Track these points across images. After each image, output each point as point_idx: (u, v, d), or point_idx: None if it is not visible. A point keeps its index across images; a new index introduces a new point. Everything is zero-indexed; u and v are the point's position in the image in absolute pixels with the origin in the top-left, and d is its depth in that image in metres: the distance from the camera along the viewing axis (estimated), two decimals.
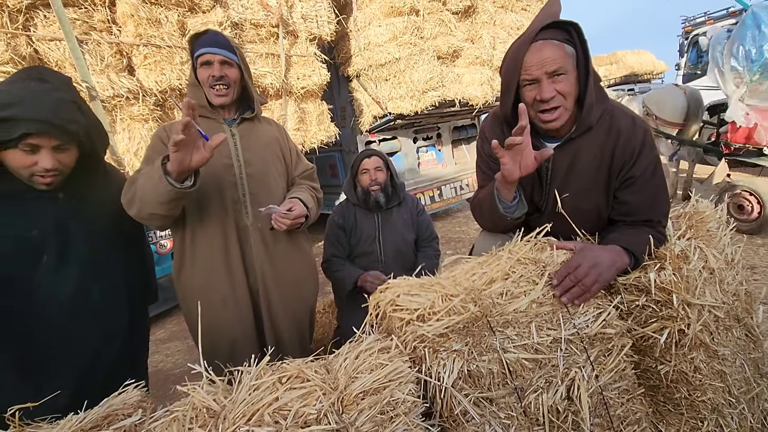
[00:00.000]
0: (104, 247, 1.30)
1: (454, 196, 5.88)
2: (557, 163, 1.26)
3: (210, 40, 1.44)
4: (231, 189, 1.49)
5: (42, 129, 1.08)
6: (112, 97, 2.50)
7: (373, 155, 2.20)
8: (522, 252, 1.10)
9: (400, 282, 1.15)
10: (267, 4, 3.37)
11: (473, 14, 4.90)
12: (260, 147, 1.56)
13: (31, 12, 2.28)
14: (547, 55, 1.11)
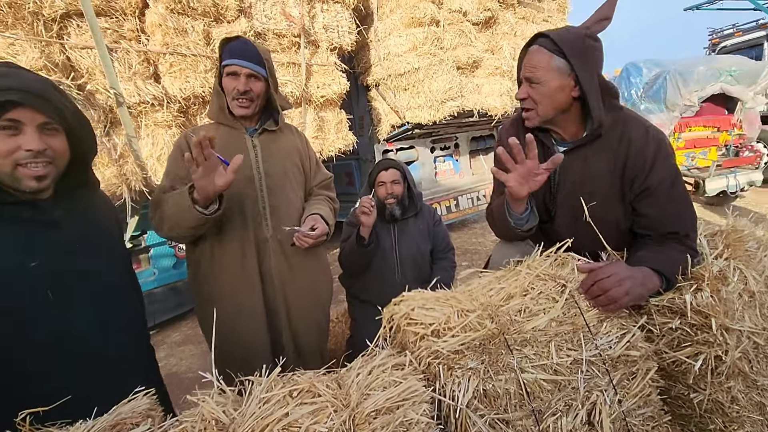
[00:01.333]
0: (114, 274, 1.15)
1: (470, 206, 5.83)
2: (567, 168, 1.26)
3: (239, 50, 1.42)
4: (252, 202, 1.49)
5: (26, 99, 0.89)
6: (138, 104, 2.57)
7: (390, 167, 2.17)
8: (541, 268, 1.07)
9: (414, 295, 1.13)
10: (290, 15, 3.43)
11: (494, 25, 4.90)
12: (280, 158, 1.55)
13: (65, 21, 2.37)
14: (528, 60, 1.20)
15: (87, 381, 1.01)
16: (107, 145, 2.46)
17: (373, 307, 2.27)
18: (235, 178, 1.25)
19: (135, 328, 1.21)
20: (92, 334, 1.04)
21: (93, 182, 1.16)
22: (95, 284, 1.06)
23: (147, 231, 3.63)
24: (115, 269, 1.16)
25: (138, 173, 2.61)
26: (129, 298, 1.21)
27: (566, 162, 1.25)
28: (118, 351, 1.09)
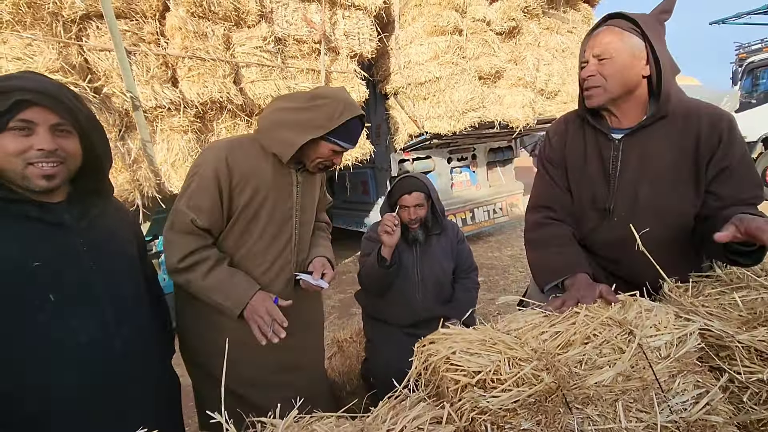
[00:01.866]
0: (124, 284, 1.09)
1: (486, 219, 5.68)
2: (626, 154, 1.23)
3: (355, 135, 1.39)
4: (286, 242, 1.44)
5: (39, 99, 0.89)
6: (155, 108, 2.50)
7: (414, 191, 1.99)
8: (604, 312, 0.93)
9: (453, 332, 1.00)
10: (311, 21, 3.36)
11: (517, 35, 4.78)
12: (312, 191, 1.53)
13: (85, 22, 2.32)
14: (598, 39, 1.18)
15: (88, 389, 0.98)
16: (121, 150, 2.39)
17: (391, 328, 2.16)
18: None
19: (145, 341, 1.14)
20: (95, 341, 0.99)
21: (107, 190, 1.14)
22: (102, 292, 1.02)
23: (158, 236, 3.57)
24: (126, 279, 1.11)
25: (151, 179, 2.53)
26: (142, 310, 1.16)
27: (625, 148, 1.23)
28: (122, 362, 1.04)
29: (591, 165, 1.32)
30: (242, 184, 1.31)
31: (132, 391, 1.07)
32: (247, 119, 3.05)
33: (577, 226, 1.38)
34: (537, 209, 1.43)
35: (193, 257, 1.27)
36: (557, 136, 1.41)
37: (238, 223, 1.35)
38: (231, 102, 2.82)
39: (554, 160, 1.40)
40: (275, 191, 1.37)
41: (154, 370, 1.18)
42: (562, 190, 1.40)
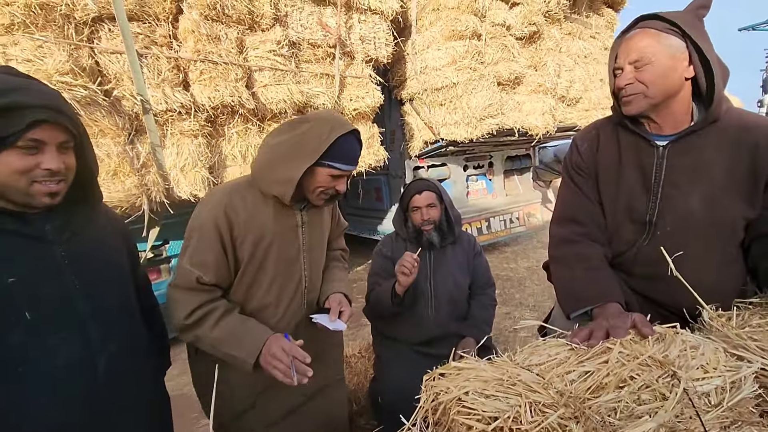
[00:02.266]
0: (111, 296, 1.02)
1: (503, 229, 5.53)
2: (672, 162, 1.13)
3: (354, 155, 1.29)
4: (296, 283, 1.38)
5: (52, 117, 0.86)
6: (165, 111, 2.47)
7: (424, 190, 1.93)
8: (642, 350, 0.80)
9: (466, 367, 0.89)
10: (326, 25, 3.31)
11: (538, 40, 4.65)
12: (321, 229, 1.47)
13: (97, 25, 2.30)
14: (633, 44, 1.09)
15: (65, 414, 0.91)
16: (130, 154, 2.35)
17: (401, 346, 2.04)
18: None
19: (135, 357, 1.07)
20: (75, 363, 0.92)
21: (96, 198, 1.07)
22: (85, 307, 0.96)
23: (169, 241, 3.54)
24: (114, 291, 1.05)
25: (160, 184, 2.49)
26: (132, 322, 1.10)
27: (670, 156, 1.13)
28: (107, 384, 0.97)
29: (628, 174, 1.20)
30: (244, 234, 1.26)
31: (119, 414, 1.00)
32: (259, 124, 3.00)
33: (610, 242, 1.27)
34: (563, 222, 1.31)
35: (201, 311, 1.21)
36: (587, 142, 1.30)
37: (246, 276, 1.30)
38: (243, 106, 2.77)
39: (583, 169, 1.30)
40: (279, 236, 1.31)
41: (145, 390, 1.11)
42: (592, 201, 1.28)
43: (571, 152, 1.35)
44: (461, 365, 0.91)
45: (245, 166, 2.88)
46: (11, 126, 0.82)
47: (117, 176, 2.29)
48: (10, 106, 0.81)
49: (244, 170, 2.87)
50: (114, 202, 2.26)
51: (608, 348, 0.83)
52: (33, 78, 0.93)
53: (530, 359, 0.92)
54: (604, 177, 1.26)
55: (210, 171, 2.74)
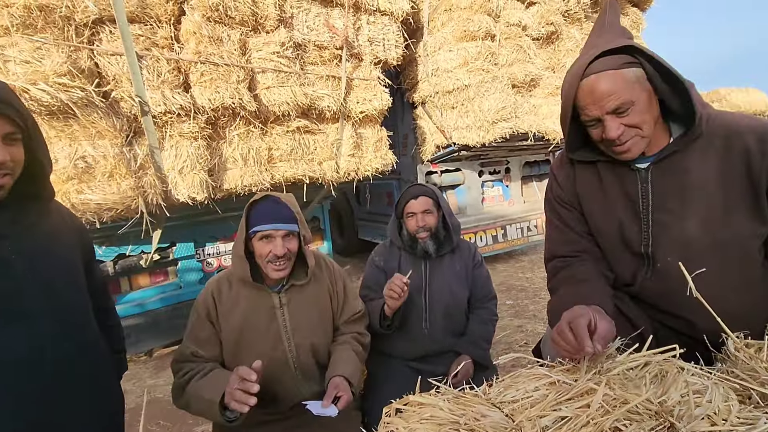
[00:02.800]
0: (66, 294, 1.01)
1: (519, 237, 5.32)
2: (657, 186, 1.05)
3: (271, 213, 1.36)
4: (282, 365, 1.43)
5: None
6: (164, 113, 2.44)
7: (420, 195, 1.82)
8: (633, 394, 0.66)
9: (428, 403, 0.77)
10: (333, 26, 3.24)
11: (557, 41, 4.46)
12: (309, 312, 1.48)
13: (98, 26, 2.30)
14: (602, 94, 0.97)
15: (11, 414, 0.89)
16: (127, 156, 2.33)
17: (394, 361, 1.91)
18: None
19: (87, 358, 1.05)
20: (24, 359, 0.91)
21: (48, 195, 1.05)
22: (36, 303, 0.94)
23: (176, 243, 3.54)
24: (68, 289, 1.03)
25: (158, 186, 2.46)
26: (86, 323, 1.09)
27: (654, 178, 1.04)
28: (58, 382, 0.96)
29: (613, 202, 1.10)
30: (225, 315, 1.38)
31: (69, 414, 0.99)
32: (262, 127, 2.95)
33: (615, 274, 1.15)
34: (552, 260, 1.22)
35: (192, 368, 1.30)
36: (563, 171, 1.20)
37: (228, 349, 1.39)
38: (244, 108, 2.72)
39: (565, 201, 1.20)
40: (255, 317, 1.40)
41: (98, 391, 1.08)
42: (580, 234, 1.17)
43: (550, 184, 1.25)
44: (424, 399, 0.79)
45: (246, 168, 2.84)
46: None
47: (113, 178, 2.28)
48: None
49: (244, 173, 2.83)
50: (108, 204, 2.24)
51: (593, 388, 0.70)
52: None
53: (505, 394, 0.79)
54: (588, 209, 1.15)
55: (210, 174, 2.70)
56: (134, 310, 3.32)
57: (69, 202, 2.13)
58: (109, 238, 3.10)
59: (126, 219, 2.45)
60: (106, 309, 1.26)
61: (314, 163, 3.22)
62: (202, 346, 1.36)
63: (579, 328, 0.80)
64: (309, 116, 3.21)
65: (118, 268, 3.24)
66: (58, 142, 2.15)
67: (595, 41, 1.03)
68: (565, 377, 0.77)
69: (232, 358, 1.39)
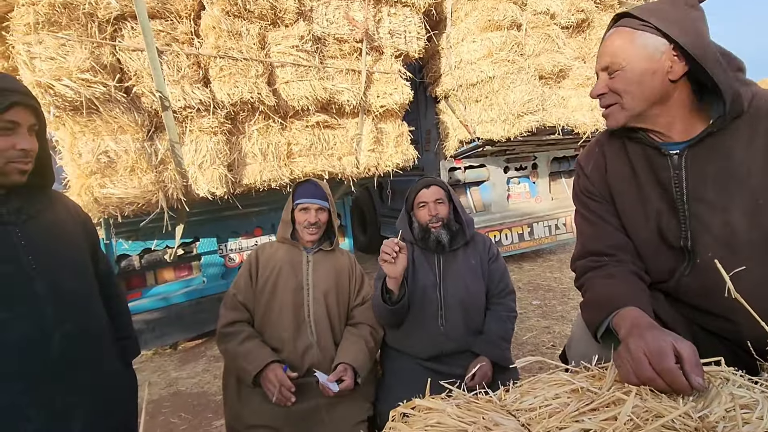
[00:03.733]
0: (69, 282, 1.05)
1: (547, 235, 5.12)
2: (693, 173, 0.95)
3: (310, 191, 1.76)
4: (300, 309, 1.71)
5: (25, 100, 0.96)
6: (184, 108, 2.46)
7: (431, 185, 1.78)
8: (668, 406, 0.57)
9: (436, 408, 0.70)
10: (353, 19, 3.19)
11: (587, 29, 4.24)
12: (328, 274, 1.78)
13: (120, 23, 2.34)
14: (605, 47, 0.98)
15: (19, 390, 0.94)
16: (148, 150, 2.36)
17: (409, 361, 1.84)
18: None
19: (93, 340, 1.11)
20: (31, 341, 0.97)
21: (50, 184, 1.15)
22: (41, 289, 1.00)
23: (199, 238, 3.60)
24: (73, 275, 1.10)
25: (178, 181, 2.48)
26: (91, 308, 1.14)
27: (690, 164, 0.95)
28: (62, 363, 1.01)
29: (648, 192, 1.00)
30: (264, 264, 1.75)
31: (73, 395, 1.03)
32: (281, 121, 2.94)
33: (647, 272, 1.05)
34: (585, 257, 1.11)
35: (234, 327, 1.65)
36: (592, 162, 1.12)
37: (263, 293, 1.70)
38: (263, 103, 2.71)
39: (595, 194, 1.11)
40: (288, 266, 1.74)
41: (103, 374, 1.12)
42: (614, 227, 1.08)
43: (578, 177, 1.17)
44: (432, 404, 0.72)
45: (265, 163, 2.83)
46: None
47: (134, 173, 2.31)
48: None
49: (264, 168, 2.82)
50: (130, 198, 2.27)
51: (621, 398, 0.61)
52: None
53: (522, 400, 0.71)
54: (621, 200, 1.06)
55: (229, 169, 2.71)
56: (159, 303, 3.38)
57: (92, 196, 2.17)
58: (135, 233, 3.17)
59: (148, 213, 2.49)
60: (112, 296, 1.30)
61: (334, 159, 3.18)
62: (239, 291, 1.72)
63: (674, 376, 0.65)
64: (328, 111, 3.17)
65: (144, 262, 3.31)
66: (82, 137, 2.19)
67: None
68: (589, 384, 0.68)
69: (264, 297, 1.70)
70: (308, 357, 1.66)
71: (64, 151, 2.22)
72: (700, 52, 0.86)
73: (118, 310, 1.32)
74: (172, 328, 3.47)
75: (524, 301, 4.06)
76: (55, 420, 0.98)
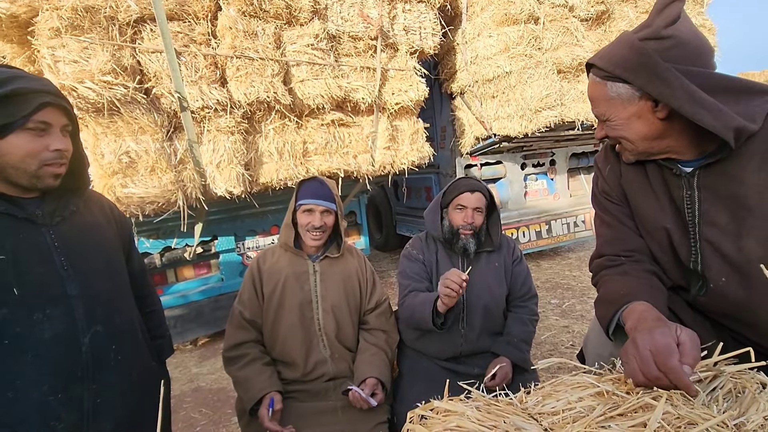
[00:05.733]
0: (99, 283, 1.06)
1: (566, 233, 5.02)
2: (705, 195, 0.90)
3: (315, 191, 1.61)
4: (310, 323, 1.61)
5: (55, 101, 0.94)
6: (202, 108, 2.49)
7: (477, 190, 1.69)
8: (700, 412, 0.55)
9: (454, 409, 0.69)
10: (368, 16, 3.18)
11: (607, 21, 4.13)
12: (338, 283, 1.67)
13: (140, 25, 2.38)
14: (589, 96, 0.98)
15: (50, 390, 0.95)
16: (167, 151, 2.40)
17: (427, 362, 1.82)
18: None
19: (122, 340, 1.11)
20: (60, 337, 0.97)
21: (85, 187, 1.14)
22: (72, 289, 1.00)
23: (218, 237, 3.65)
24: (104, 276, 1.10)
25: (196, 180, 2.52)
26: (123, 308, 1.14)
27: (701, 186, 0.90)
28: (93, 362, 1.01)
29: (662, 205, 0.97)
30: (267, 276, 1.62)
31: (104, 393, 1.03)
32: (297, 120, 2.95)
33: (668, 278, 1.02)
34: (602, 257, 1.10)
35: (237, 350, 1.56)
36: (609, 165, 1.10)
37: (269, 310, 1.59)
38: (279, 102, 2.73)
39: (613, 196, 1.09)
40: (292, 278, 1.61)
41: (134, 373, 1.13)
42: (633, 230, 1.05)
43: (596, 178, 1.15)
44: (451, 406, 0.71)
45: (281, 162, 2.85)
46: (20, 110, 0.88)
47: (154, 172, 2.35)
48: (17, 91, 0.88)
49: (280, 167, 2.84)
50: (150, 198, 2.32)
51: (649, 403, 0.59)
52: (15, 69, 0.99)
53: (544, 404, 0.69)
54: (636, 207, 1.03)
55: (246, 168, 2.74)
56: (179, 300, 3.45)
57: (114, 196, 2.22)
58: (156, 231, 3.24)
59: (164, 212, 2.53)
60: (145, 295, 1.31)
61: (349, 157, 3.18)
62: (245, 306, 1.59)
63: (679, 376, 0.63)
64: (344, 109, 3.17)
65: (165, 260, 3.37)
66: (104, 138, 2.24)
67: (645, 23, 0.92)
68: (615, 388, 0.66)
69: (270, 315, 1.59)
70: (323, 370, 1.62)
71: (87, 152, 2.27)
72: (673, 99, 0.81)
73: (152, 309, 1.33)
74: (192, 324, 3.54)
75: (543, 300, 4.00)
76: (85, 420, 0.99)
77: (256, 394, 1.46)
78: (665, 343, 0.67)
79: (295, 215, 1.63)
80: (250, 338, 1.59)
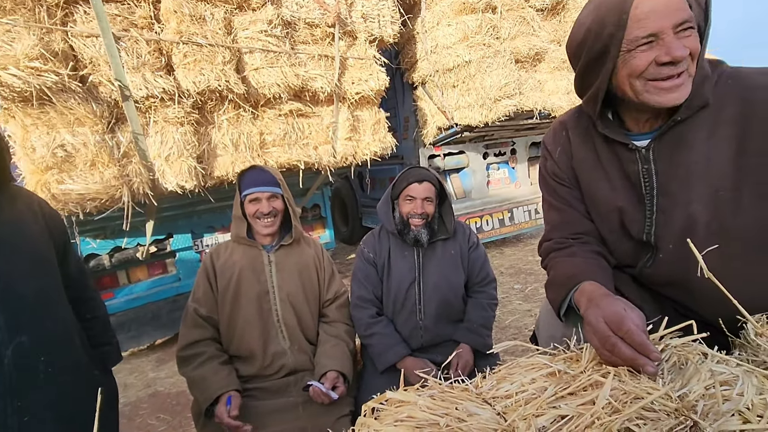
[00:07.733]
0: (25, 285, 0.96)
1: (527, 220, 5.16)
2: (660, 167, 0.90)
3: (257, 179, 1.60)
4: (268, 315, 1.61)
5: None
6: (146, 98, 2.33)
7: (424, 180, 1.67)
8: (647, 386, 0.54)
9: (405, 399, 0.66)
10: (324, 2, 3.08)
11: (562, 11, 4.23)
12: (294, 272, 1.66)
13: (71, 7, 2.19)
14: (669, 2, 0.78)
15: None
16: (109, 143, 2.23)
17: None
18: None
19: (55, 351, 1.01)
20: None
21: (6, 181, 1.04)
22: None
23: (173, 235, 3.47)
24: (31, 280, 1.00)
25: (144, 174, 2.36)
26: (54, 314, 1.05)
27: (657, 159, 0.90)
28: (17, 376, 0.92)
29: (614, 183, 0.97)
30: (221, 271, 1.59)
31: (34, 407, 0.94)
32: (253, 110, 2.83)
33: (614, 257, 1.04)
34: (549, 241, 1.10)
35: (192, 349, 1.51)
36: (559, 146, 1.07)
37: (226, 304, 1.57)
38: (231, 91, 2.60)
39: (564, 178, 1.07)
40: (248, 270, 1.60)
41: (70, 384, 1.03)
42: (582, 214, 1.05)
43: (545, 159, 1.12)
44: (403, 396, 0.68)
45: (237, 155, 2.72)
46: None
47: (95, 167, 2.18)
48: None
49: (236, 159, 2.71)
50: (92, 194, 2.15)
51: (598, 380, 0.58)
52: None
53: (499, 388, 0.67)
54: (586, 187, 1.02)
55: (199, 161, 2.60)
56: (134, 303, 3.26)
57: (49, 193, 2.04)
58: (103, 230, 3.03)
59: (115, 209, 2.37)
60: (84, 299, 1.21)
61: (309, 148, 3.09)
62: (200, 303, 1.56)
63: (633, 336, 0.63)
64: (302, 99, 3.07)
65: (115, 261, 3.17)
66: (35, 130, 2.05)
67: None
68: (566, 367, 0.65)
69: (227, 308, 1.57)
70: (282, 362, 1.60)
71: (16, 145, 2.07)
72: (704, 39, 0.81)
73: (94, 315, 1.24)
74: (147, 327, 3.36)
75: (506, 286, 4.09)
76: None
77: (212, 394, 1.41)
78: (614, 311, 0.67)
79: (243, 208, 1.61)
80: (205, 336, 1.55)
